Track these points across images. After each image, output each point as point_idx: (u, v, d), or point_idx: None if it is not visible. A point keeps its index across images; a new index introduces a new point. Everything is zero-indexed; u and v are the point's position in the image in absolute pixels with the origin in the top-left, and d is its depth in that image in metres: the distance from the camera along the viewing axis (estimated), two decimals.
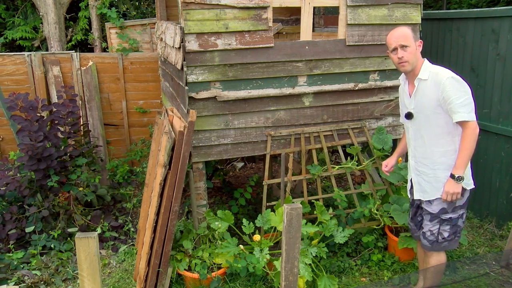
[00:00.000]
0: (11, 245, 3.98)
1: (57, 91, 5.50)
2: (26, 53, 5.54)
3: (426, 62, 2.74)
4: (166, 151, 3.18)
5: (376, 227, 3.92)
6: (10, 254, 3.90)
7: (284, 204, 2.28)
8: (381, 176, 4.13)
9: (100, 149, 5.54)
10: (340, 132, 4.08)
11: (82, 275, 1.96)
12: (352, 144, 4.07)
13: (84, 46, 8.40)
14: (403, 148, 3.18)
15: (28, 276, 3.69)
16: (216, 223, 3.50)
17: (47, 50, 7.79)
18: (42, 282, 3.66)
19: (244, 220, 3.54)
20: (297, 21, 6.30)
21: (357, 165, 4.04)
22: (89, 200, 4.49)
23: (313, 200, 3.96)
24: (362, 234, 3.96)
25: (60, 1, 7.51)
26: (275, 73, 3.72)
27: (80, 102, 5.60)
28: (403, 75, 2.89)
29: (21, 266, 3.83)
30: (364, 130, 4.11)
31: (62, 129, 4.53)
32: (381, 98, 4.11)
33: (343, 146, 4.31)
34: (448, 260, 3.20)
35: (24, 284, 3.61)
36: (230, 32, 3.52)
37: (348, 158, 4.16)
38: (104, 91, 5.88)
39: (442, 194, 2.70)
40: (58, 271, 3.83)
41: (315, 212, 3.70)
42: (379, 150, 3.99)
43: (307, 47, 3.74)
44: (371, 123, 4.16)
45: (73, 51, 5.95)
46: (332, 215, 3.83)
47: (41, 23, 7.88)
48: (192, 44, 3.46)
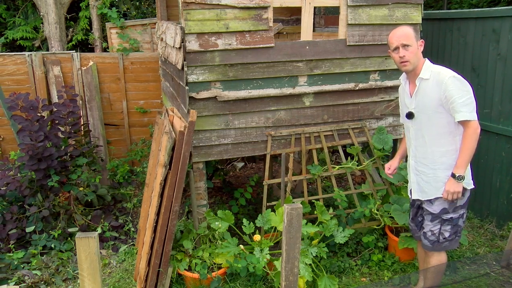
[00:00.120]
0: (12, 245, 3.99)
1: (57, 91, 5.51)
2: (27, 53, 5.54)
3: (427, 62, 2.74)
4: (167, 151, 3.18)
5: (377, 227, 3.92)
6: (11, 254, 3.90)
7: (284, 204, 2.28)
8: (382, 176, 4.13)
9: (101, 149, 5.54)
10: (341, 132, 4.08)
11: (83, 275, 1.96)
12: (353, 144, 4.07)
13: (84, 46, 8.41)
14: (404, 149, 3.17)
15: (28, 276, 3.70)
16: (216, 223, 3.50)
17: (47, 50, 7.80)
18: (42, 282, 3.66)
19: (244, 220, 3.54)
20: (298, 21, 6.30)
21: (357, 165, 4.04)
22: (89, 200, 4.50)
23: (313, 200, 3.96)
24: (363, 234, 3.96)
25: (60, 1, 7.51)
26: (275, 73, 3.72)
27: (81, 102, 5.61)
28: (403, 75, 2.89)
29: (22, 266, 3.84)
30: (364, 130, 4.11)
31: (62, 129, 4.53)
32: (382, 98, 4.11)
33: (344, 146, 4.31)
34: (449, 260, 3.20)
35: (25, 284, 3.61)
36: (230, 32, 3.52)
37: (349, 158, 4.16)
38: (104, 91, 5.89)
39: (443, 193, 2.70)
40: (58, 271, 3.83)
41: (315, 212, 3.70)
42: (380, 150, 3.99)
43: (307, 47, 3.74)
44: (372, 123, 4.16)
45: (74, 51, 5.95)
46: (332, 215, 3.83)
47: (42, 23, 7.88)
48: (193, 44, 3.46)
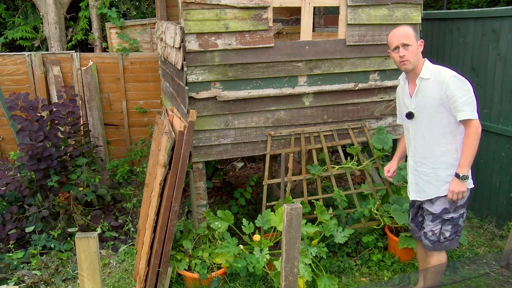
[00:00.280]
0: (11, 245, 3.98)
1: (57, 91, 5.50)
2: (26, 53, 5.54)
3: (427, 61, 2.75)
4: (166, 151, 3.18)
5: (376, 227, 3.92)
6: (10, 254, 3.90)
7: (284, 204, 2.28)
8: (381, 176, 4.13)
9: (100, 149, 5.54)
10: (340, 132, 4.08)
11: (82, 275, 1.96)
12: (352, 144, 4.07)
13: (84, 46, 8.40)
14: (403, 150, 3.16)
15: (28, 276, 3.69)
16: (216, 223, 3.50)
17: (47, 50, 7.79)
18: (42, 282, 3.66)
19: (244, 220, 3.54)
20: (297, 21, 6.30)
21: (357, 165, 4.04)
22: (89, 200, 4.50)
23: (313, 200, 3.96)
24: (362, 234, 3.96)
25: (60, 1, 7.51)
26: (275, 73, 3.72)
27: (80, 102, 5.60)
28: (403, 75, 2.88)
29: (21, 266, 3.83)
30: (364, 130, 4.11)
31: (62, 129, 4.53)
32: (381, 98, 4.11)
33: (343, 146, 4.31)
34: (448, 260, 3.20)
35: (24, 284, 3.61)
36: (230, 32, 3.52)
37: (348, 158, 4.16)
38: (104, 91, 5.89)
39: (448, 194, 2.69)
40: (58, 271, 3.83)
41: (315, 212, 3.70)
42: (379, 150, 3.99)
43: (307, 47, 3.74)
44: (371, 123, 4.16)
45: (73, 51, 5.95)
46: (332, 215, 3.83)
47: (41, 23, 7.88)
48: (192, 44, 3.46)
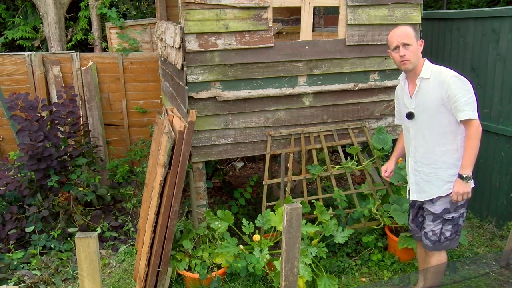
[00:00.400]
0: (11, 245, 3.98)
1: (57, 91, 5.50)
2: (26, 53, 5.54)
3: (427, 61, 2.74)
4: (166, 151, 3.18)
5: (376, 227, 3.92)
6: (10, 254, 3.90)
7: (284, 204, 2.28)
8: (381, 176, 4.12)
9: (100, 149, 5.54)
10: (340, 132, 4.08)
11: (82, 275, 1.96)
12: (352, 144, 4.07)
13: (84, 46, 8.40)
14: (401, 150, 3.16)
15: (28, 276, 3.69)
16: (216, 223, 3.50)
17: (47, 50, 7.79)
18: (42, 282, 3.66)
19: (244, 220, 3.54)
20: (297, 21, 6.30)
21: (357, 165, 4.04)
22: (89, 200, 4.49)
23: (313, 200, 3.96)
24: (362, 234, 3.96)
25: (60, 1, 7.51)
26: (275, 73, 3.72)
27: (80, 102, 5.60)
28: (402, 75, 2.88)
29: (21, 266, 3.83)
30: (364, 130, 4.11)
31: (62, 129, 4.53)
32: (381, 98, 4.11)
33: (343, 146, 4.31)
34: (448, 260, 3.20)
35: (24, 284, 3.61)
36: (230, 32, 3.52)
37: (348, 158, 4.16)
38: (104, 91, 5.89)
39: (452, 195, 2.68)
40: (58, 271, 3.83)
41: (315, 212, 3.70)
42: (379, 150, 3.99)
43: (307, 47, 3.74)
44: (371, 123, 4.16)
45: (73, 51, 5.95)
46: (332, 215, 3.83)
47: (41, 23, 7.87)
48: (192, 44, 3.46)
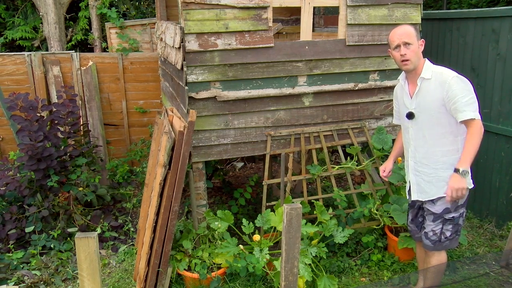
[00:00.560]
0: (11, 245, 3.98)
1: (57, 91, 5.50)
2: (26, 53, 5.53)
3: (427, 61, 2.74)
4: (166, 151, 3.18)
5: (376, 227, 3.92)
6: (10, 254, 3.90)
7: (284, 204, 2.28)
8: (381, 176, 4.13)
9: (100, 149, 5.54)
10: (340, 132, 4.08)
11: (82, 275, 1.96)
12: (352, 144, 4.07)
13: (84, 46, 8.40)
14: (398, 150, 3.16)
15: (27, 276, 3.69)
16: (216, 223, 3.50)
17: (47, 50, 7.79)
18: (41, 282, 3.66)
19: (244, 220, 3.54)
20: (297, 21, 6.30)
21: (357, 165, 4.04)
22: (89, 200, 4.49)
23: (313, 200, 3.96)
24: (362, 234, 3.96)
25: (60, 1, 7.51)
26: (275, 73, 3.72)
27: (80, 102, 5.60)
28: (403, 74, 2.87)
29: (21, 266, 3.83)
30: (364, 130, 4.11)
31: (62, 129, 4.53)
32: (381, 98, 4.11)
33: (343, 146, 4.31)
34: (448, 260, 3.20)
35: (24, 284, 3.61)
36: (230, 32, 3.52)
37: (348, 158, 4.16)
38: (104, 91, 5.89)
39: (447, 191, 2.58)
40: (58, 271, 3.83)
41: (315, 212, 3.70)
42: (379, 150, 3.99)
43: (307, 47, 3.74)
44: (371, 123, 4.16)
45: (73, 51, 5.95)
46: (332, 215, 3.83)
47: (41, 23, 7.87)
48: (192, 44, 3.46)
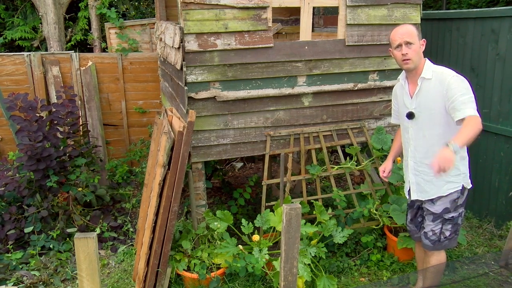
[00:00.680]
0: (10, 245, 3.98)
1: (56, 91, 5.50)
2: (26, 53, 5.53)
3: (428, 61, 2.73)
4: (166, 151, 3.17)
5: (375, 227, 3.92)
6: (9, 255, 3.89)
7: (283, 204, 2.28)
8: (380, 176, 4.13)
9: (100, 149, 5.53)
10: (340, 132, 4.08)
11: (81, 275, 1.96)
12: (352, 144, 4.07)
13: (83, 46, 8.40)
14: (397, 149, 3.15)
15: (27, 276, 3.69)
16: (215, 223, 3.50)
17: (46, 50, 7.79)
18: (41, 283, 3.65)
19: (243, 220, 3.54)
20: (297, 21, 6.30)
21: (356, 165, 4.04)
22: (88, 201, 4.49)
23: (312, 200, 3.96)
24: (361, 234, 3.96)
25: (59, 1, 7.50)
26: (274, 73, 3.72)
27: (80, 102, 5.60)
28: (403, 74, 2.86)
29: (20, 266, 3.83)
30: (363, 130, 4.11)
31: (61, 129, 4.53)
32: (381, 98, 4.11)
33: (343, 146, 4.31)
34: (448, 260, 3.21)
35: (23, 285, 3.60)
36: (229, 32, 3.52)
37: (347, 158, 4.16)
38: (103, 91, 5.88)
39: (433, 161, 2.31)
40: (57, 272, 3.83)
41: (314, 212, 3.70)
42: (378, 150, 3.99)
43: (306, 47, 3.74)
44: (371, 123, 4.16)
45: (73, 51, 5.94)
46: (331, 215, 3.83)
47: (41, 23, 7.87)
48: (192, 44, 3.46)
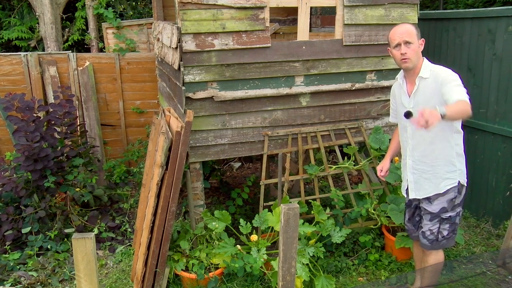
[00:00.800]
0: (8, 246, 3.97)
1: (53, 92, 5.48)
2: (23, 53, 5.51)
3: (426, 61, 2.74)
4: (163, 151, 3.17)
5: (373, 227, 3.92)
6: (7, 255, 3.88)
7: (281, 204, 2.28)
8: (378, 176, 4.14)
9: (97, 149, 5.52)
10: (337, 132, 4.09)
11: (79, 275, 1.96)
12: (349, 144, 4.07)
13: (81, 46, 8.38)
14: (395, 148, 3.16)
15: (24, 277, 3.68)
16: (213, 223, 3.49)
17: (43, 50, 7.77)
18: (38, 283, 3.65)
19: (241, 220, 3.54)
20: (294, 21, 6.30)
21: (354, 165, 4.05)
22: (86, 201, 4.48)
23: (310, 200, 3.96)
24: (359, 234, 3.96)
25: (56, 1, 7.49)
26: (272, 73, 3.72)
27: (77, 102, 5.59)
28: (401, 73, 2.87)
29: (18, 267, 3.82)
30: (361, 130, 4.12)
31: (58, 129, 4.52)
32: (378, 98, 4.12)
33: (340, 146, 4.31)
34: (445, 259, 3.21)
35: (21, 285, 3.59)
36: (227, 32, 3.52)
37: (345, 158, 4.17)
38: (101, 91, 5.87)
39: (419, 113, 2.18)
40: (55, 272, 3.82)
41: (312, 212, 3.71)
42: (376, 150, 4.00)
43: (304, 47, 3.74)
44: (368, 123, 4.17)
45: (70, 51, 5.93)
46: (329, 215, 3.83)
47: (38, 23, 7.85)
48: (189, 44, 3.46)
